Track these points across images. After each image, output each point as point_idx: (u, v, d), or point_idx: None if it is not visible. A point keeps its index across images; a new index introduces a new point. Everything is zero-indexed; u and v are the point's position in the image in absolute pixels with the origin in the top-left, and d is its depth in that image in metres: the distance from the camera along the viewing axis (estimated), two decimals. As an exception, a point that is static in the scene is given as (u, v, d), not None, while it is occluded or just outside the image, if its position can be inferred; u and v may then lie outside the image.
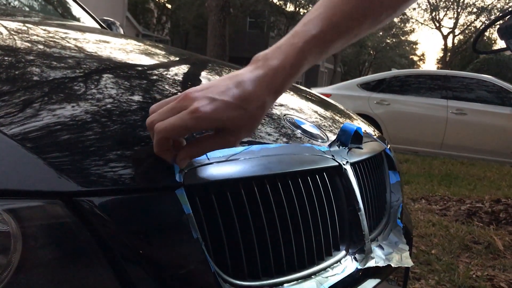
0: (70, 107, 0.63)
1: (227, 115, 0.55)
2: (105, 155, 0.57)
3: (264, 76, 0.58)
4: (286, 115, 0.91)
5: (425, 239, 2.65)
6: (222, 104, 0.55)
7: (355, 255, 0.83)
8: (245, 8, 24.49)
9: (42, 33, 1.08)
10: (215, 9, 9.26)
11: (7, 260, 0.48)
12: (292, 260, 0.72)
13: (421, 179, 4.69)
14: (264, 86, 0.58)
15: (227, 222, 0.64)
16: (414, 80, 6.89)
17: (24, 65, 0.76)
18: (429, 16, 33.68)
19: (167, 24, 32.02)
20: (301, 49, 0.60)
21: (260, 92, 0.57)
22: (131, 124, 0.65)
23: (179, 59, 1.23)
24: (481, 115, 6.16)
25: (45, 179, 0.51)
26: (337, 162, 0.83)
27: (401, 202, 1.12)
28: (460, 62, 30.76)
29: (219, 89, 0.56)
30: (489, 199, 3.75)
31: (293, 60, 0.59)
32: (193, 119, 0.54)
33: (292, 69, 0.60)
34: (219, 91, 0.56)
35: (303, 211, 0.74)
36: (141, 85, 0.81)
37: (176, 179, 0.58)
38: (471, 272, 2.17)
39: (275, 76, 0.58)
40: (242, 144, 0.72)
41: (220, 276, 0.60)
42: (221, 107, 0.55)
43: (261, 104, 0.58)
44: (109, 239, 0.52)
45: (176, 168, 0.59)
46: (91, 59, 0.89)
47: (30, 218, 0.49)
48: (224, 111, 0.55)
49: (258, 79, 0.58)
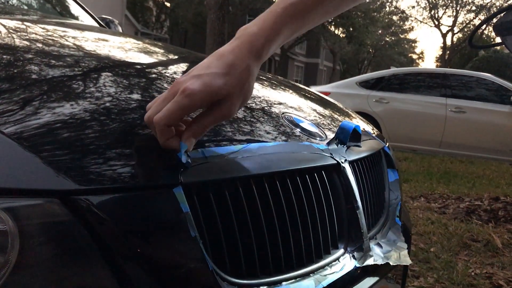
0: (68, 105, 0.63)
1: (216, 84, 0.58)
2: (103, 153, 0.57)
3: (243, 43, 0.62)
4: (284, 113, 0.91)
5: (424, 237, 2.66)
6: (208, 76, 0.58)
7: (353, 253, 0.83)
8: (244, 6, 24.46)
9: (40, 32, 1.08)
10: (214, 7, 9.25)
11: (5, 259, 0.48)
12: (290, 258, 0.72)
13: (420, 177, 4.69)
14: (244, 52, 0.61)
15: (225, 221, 0.64)
16: (413, 78, 6.90)
17: (22, 64, 0.76)
18: (428, 14, 33.69)
19: (166, 22, 31.98)
20: (279, 14, 0.64)
21: (241, 57, 0.61)
22: (129, 123, 0.65)
23: (178, 57, 1.22)
24: (480, 113, 6.16)
25: (43, 178, 0.51)
26: (335, 160, 0.83)
27: (399, 200, 1.12)
28: (459, 60, 30.79)
29: (202, 66, 0.61)
30: (488, 197, 3.75)
31: (272, 24, 0.63)
32: (186, 98, 0.57)
33: (271, 33, 0.63)
34: (203, 67, 0.60)
35: (301, 209, 0.74)
36: (139, 83, 0.81)
37: (183, 161, 0.58)
38: (470, 270, 2.17)
39: (254, 40, 0.62)
40: (240, 142, 0.72)
41: (218, 274, 0.60)
42: (208, 79, 0.58)
43: (245, 67, 0.61)
44: (107, 238, 0.52)
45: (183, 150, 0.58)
46: (89, 58, 0.89)
47: (28, 217, 0.49)
48: (212, 82, 0.58)
49: (237, 47, 0.62)
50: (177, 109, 0.57)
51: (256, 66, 0.63)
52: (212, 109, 0.60)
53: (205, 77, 0.58)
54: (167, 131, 0.58)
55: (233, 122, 0.78)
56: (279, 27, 0.64)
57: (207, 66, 0.60)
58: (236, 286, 0.63)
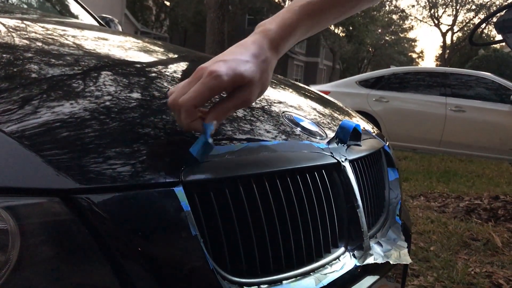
0: (68, 104, 0.63)
1: (240, 69, 0.62)
2: (103, 152, 0.57)
3: (262, 36, 0.67)
4: (284, 112, 0.91)
5: (424, 236, 2.66)
6: (233, 62, 0.62)
7: (353, 252, 0.83)
8: (244, 5, 24.44)
9: (40, 31, 1.08)
10: (214, 6, 9.25)
11: (5, 258, 0.48)
12: (290, 257, 0.72)
13: (420, 176, 4.69)
14: (264, 45, 0.66)
15: (226, 219, 0.64)
16: (413, 78, 6.90)
17: (22, 63, 0.76)
18: (428, 13, 33.67)
19: (165, 22, 31.96)
20: (296, 11, 0.69)
21: (262, 49, 0.66)
22: (130, 122, 0.65)
23: (177, 56, 1.22)
24: (480, 112, 6.16)
25: (43, 176, 0.51)
26: (335, 159, 0.83)
27: (399, 199, 1.12)
28: (459, 59, 30.77)
29: (226, 53, 0.65)
30: (488, 196, 3.75)
31: (289, 20, 0.68)
32: (213, 79, 0.60)
33: (288, 29, 0.68)
34: (227, 54, 0.65)
35: (301, 208, 0.74)
36: (139, 82, 0.81)
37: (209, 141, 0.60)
38: (469, 269, 2.17)
39: (273, 35, 0.67)
40: (240, 141, 0.72)
41: (218, 273, 0.60)
42: (233, 64, 0.62)
43: (265, 58, 0.66)
44: (107, 237, 0.52)
45: (208, 131, 0.60)
46: (89, 57, 0.89)
47: (28, 216, 0.49)
48: (236, 66, 0.62)
49: (258, 40, 0.67)
50: (204, 90, 0.60)
51: (274, 59, 0.68)
52: (233, 95, 0.64)
53: (231, 62, 0.62)
54: (193, 112, 0.61)
55: (233, 121, 0.78)
56: (296, 24, 0.68)
57: (231, 53, 0.64)
58: (236, 284, 0.63)
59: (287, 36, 0.68)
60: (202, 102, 0.61)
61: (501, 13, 0.90)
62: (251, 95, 0.65)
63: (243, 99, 0.64)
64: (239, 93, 0.63)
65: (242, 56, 0.64)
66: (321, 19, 0.72)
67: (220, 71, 0.60)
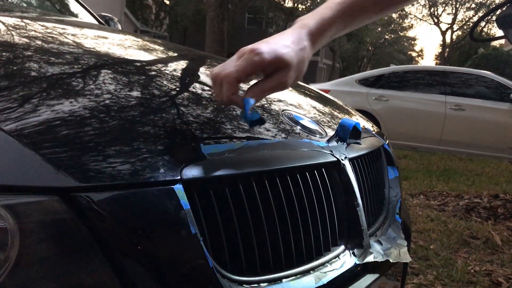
0: (68, 102, 0.63)
1: (280, 51, 0.66)
2: (103, 150, 0.57)
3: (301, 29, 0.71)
4: (284, 110, 0.91)
5: (424, 235, 2.66)
6: (274, 44, 0.67)
7: (353, 250, 0.83)
8: (244, 4, 24.41)
9: (40, 29, 1.08)
10: (214, 5, 9.24)
11: (5, 256, 0.48)
12: (290, 255, 0.72)
13: (420, 174, 4.69)
14: (303, 36, 0.70)
15: (226, 218, 0.64)
16: (413, 76, 6.89)
17: (21, 61, 0.76)
18: (428, 12, 33.65)
19: (165, 20, 31.93)
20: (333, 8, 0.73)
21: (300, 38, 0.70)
22: (129, 120, 0.65)
23: (177, 54, 1.22)
24: (479, 110, 6.16)
25: (43, 175, 0.51)
26: (335, 158, 0.83)
27: (399, 198, 1.12)
28: (459, 58, 30.77)
29: (267, 38, 0.70)
30: (487, 195, 3.75)
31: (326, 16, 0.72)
32: (256, 55, 0.64)
33: (325, 24, 0.72)
34: (269, 39, 0.69)
35: (301, 206, 0.74)
36: (139, 80, 0.81)
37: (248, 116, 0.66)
38: (469, 267, 2.17)
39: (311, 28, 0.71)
40: (240, 139, 0.72)
41: (218, 271, 0.60)
42: (274, 46, 0.66)
43: (303, 47, 0.70)
44: (107, 235, 0.52)
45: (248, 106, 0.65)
46: (89, 55, 0.88)
47: (28, 214, 0.49)
48: (277, 48, 0.66)
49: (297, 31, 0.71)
50: (246, 64, 0.64)
51: (311, 51, 0.71)
52: (271, 77, 0.67)
53: (272, 44, 0.67)
54: (234, 86, 0.65)
55: (232, 119, 0.78)
56: (333, 20, 0.73)
57: (272, 38, 0.69)
58: (236, 283, 0.63)
59: (324, 30, 0.72)
60: (243, 76, 0.65)
61: (502, 8, 0.90)
62: (287, 79, 0.68)
63: (280, 81, 0.67)
64: (277, 75, 0.67)
65: (283, 41, 0.68)
66: (358, 17, 0.76)
67: (262, 49, 0.65)
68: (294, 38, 0.70)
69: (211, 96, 0.85)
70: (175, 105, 0.76)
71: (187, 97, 0.82)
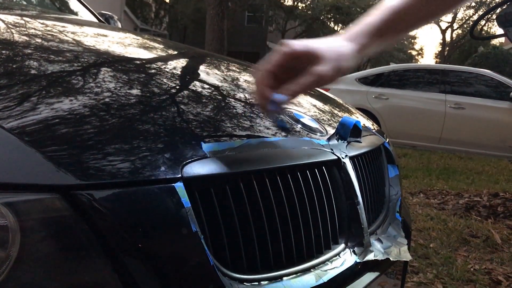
0: (68, 100, 0.63)
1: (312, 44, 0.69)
2: (103, 148, 0.57)
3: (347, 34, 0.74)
4: (285, 108, 0.90)
5: (424, 233, 2.66)
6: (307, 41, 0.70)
7: (354, 248, 0.83)
8: (243, 2, 24.40)
9: (39, 27, 1.08)
10: (214, 3, 9.23)
11: (6, 254, 0.47)
12: (291, 253, 0.72)
13: (420, 173, 4.69)
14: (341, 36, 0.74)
15: (226, 216, 0.64)
16: (413, 75, 6.89)
17: (21, 59, 0.76)
18: (428, 10, 33.53)
19: (165, 19, 31.91)
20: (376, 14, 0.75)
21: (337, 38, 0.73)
22: (130, 118, 0.65)
23: (177, 52, 1.22)
24: (479, 109, 6.16)
25: (43, 173, 0.51)
26: (336, 156, 0.83)
27: (399, 196, 1.12)
28: (459, 56, 30.75)
29: None
30: (487, 193, 3.75)
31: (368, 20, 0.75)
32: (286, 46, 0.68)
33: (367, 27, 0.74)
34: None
35: (302, 204, 0.74)
36: (139, 78, 0.81)
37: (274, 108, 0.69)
38: (469, 266, 2.17)
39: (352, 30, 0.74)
40: (240, 137, 0.72)
41: (219, 269, 0.60)
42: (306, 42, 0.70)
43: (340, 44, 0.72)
44: (107, 233, 0.52)
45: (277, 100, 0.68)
46: (89, 53, 0.88)
47: (28, 212, 0.49)
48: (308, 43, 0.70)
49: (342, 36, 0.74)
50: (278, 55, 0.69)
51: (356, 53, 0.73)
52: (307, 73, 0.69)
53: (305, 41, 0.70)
54: (267, 78, 0.69)
55: (233, 118, 0.77)
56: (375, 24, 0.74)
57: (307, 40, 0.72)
58: (237, 281, 0.63)
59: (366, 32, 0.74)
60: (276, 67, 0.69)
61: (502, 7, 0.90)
62: (322, 72, 0.69)
63: (314, 75, 0.69)
64: (311, 69, 0.69)
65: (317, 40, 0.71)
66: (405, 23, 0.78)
67: (293, 42, 0.69)
68: (330, 38, 0.73)
69: (211, 94, 0.85)
70: (175, 103, 0.76)
71: (188, 95, 0.82)
